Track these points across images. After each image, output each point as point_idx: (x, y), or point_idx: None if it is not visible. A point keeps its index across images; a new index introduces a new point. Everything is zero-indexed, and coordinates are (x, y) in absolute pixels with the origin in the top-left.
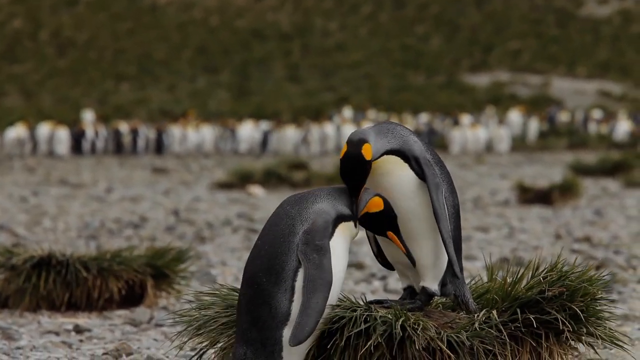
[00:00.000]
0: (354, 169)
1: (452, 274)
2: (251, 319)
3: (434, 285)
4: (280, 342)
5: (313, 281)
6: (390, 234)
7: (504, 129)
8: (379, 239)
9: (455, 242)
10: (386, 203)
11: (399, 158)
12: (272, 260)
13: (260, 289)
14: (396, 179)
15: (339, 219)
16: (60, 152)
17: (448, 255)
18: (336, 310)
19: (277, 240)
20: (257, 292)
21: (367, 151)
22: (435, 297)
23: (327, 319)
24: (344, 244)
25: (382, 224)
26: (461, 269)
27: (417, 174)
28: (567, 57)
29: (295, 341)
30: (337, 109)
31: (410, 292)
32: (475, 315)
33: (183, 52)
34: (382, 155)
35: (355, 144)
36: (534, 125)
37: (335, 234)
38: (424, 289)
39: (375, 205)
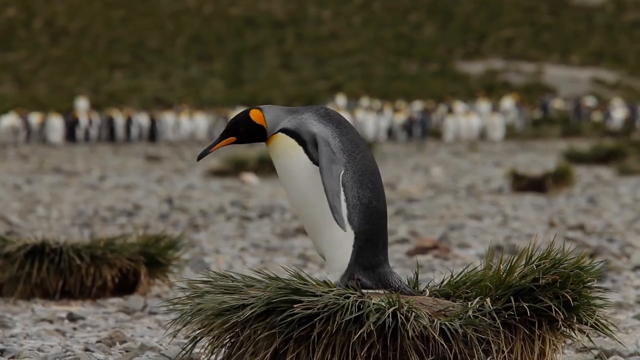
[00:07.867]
0: (235, 118)
1: (371, 266)
2: None
3: (335, 278)
4: None
5: None
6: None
7: (497, 117)
8: (306, 229)
9: (369, 235)
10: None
11: (294, 140)
12: None
13: None
14: (289, 162)
15: None
16: (54, 140)
17: (329, 205)
18: (329, 296)
19: None
20: None
21: (255, 114)
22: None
23: (315, 304)
24: None
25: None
26: (385, 258)
27: (312, 159)
28: (561, 45)
29: None
30: (331, 97)
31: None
32: (469, 303)
33: (177, 41)
34: (278, 132)
35: (250, 108)
36: (522, 113)
37: None
38: (325, 282)
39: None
